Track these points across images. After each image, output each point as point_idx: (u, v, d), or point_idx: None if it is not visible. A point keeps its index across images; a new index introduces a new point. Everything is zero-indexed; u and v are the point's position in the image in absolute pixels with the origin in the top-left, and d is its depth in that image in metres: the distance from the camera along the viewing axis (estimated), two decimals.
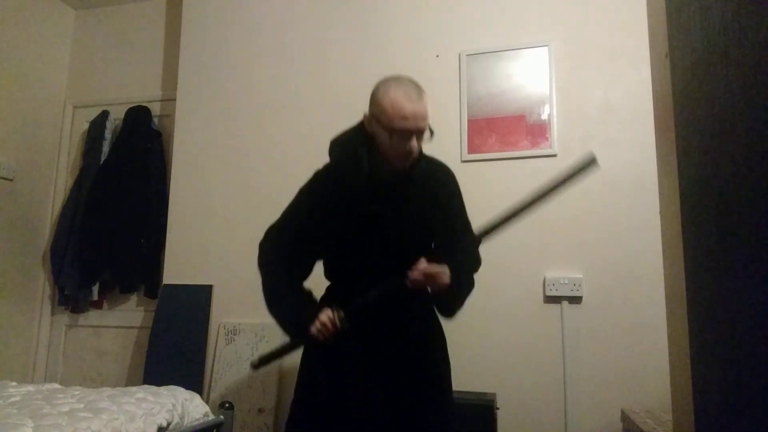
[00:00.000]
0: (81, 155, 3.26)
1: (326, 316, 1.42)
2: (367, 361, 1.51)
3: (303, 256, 1.59)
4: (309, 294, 1.55)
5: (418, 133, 1.41)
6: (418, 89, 1.42)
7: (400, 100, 1.37)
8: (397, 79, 1.44)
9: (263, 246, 1.61)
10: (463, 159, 2.43)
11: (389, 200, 1.48)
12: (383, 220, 1.48)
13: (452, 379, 1.63)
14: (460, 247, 1.54)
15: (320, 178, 1.59)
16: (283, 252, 1.57)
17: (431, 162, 1.57)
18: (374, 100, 1.44)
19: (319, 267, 1.62)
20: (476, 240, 1.47)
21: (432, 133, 1.44)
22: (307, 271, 1.62)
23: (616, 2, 2.40)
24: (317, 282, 1.59)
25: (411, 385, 1.50)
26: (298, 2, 2.87)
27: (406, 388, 1.49)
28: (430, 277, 1.41)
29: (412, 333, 1.55)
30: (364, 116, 1.48)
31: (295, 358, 1.59)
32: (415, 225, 1.51)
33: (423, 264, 1.39)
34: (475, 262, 1.62)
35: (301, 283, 1.57)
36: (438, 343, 1.62)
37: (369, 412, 1.46)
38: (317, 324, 1.41)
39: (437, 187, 1.55)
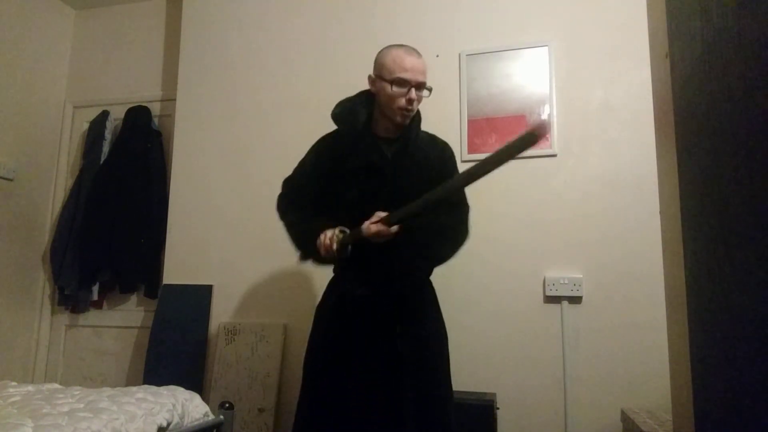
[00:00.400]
0: (81, 155, 3.26)
1: (330, 231, 1.53)
2: (367, 362, 1.51)
3: (313, 206, 1.73)
4: (324, 221, 1.65)
5: (418, 87, 1.56)
6: (418, 52, 1.62)
7: (401, 54, 1.58)
8: (398, 43, 1.64)
9: (281, 198, 1.76)
10: (463, 159, 2.43)
11: (387, 155, 1.60)
12: (382, 175, 1.57)
13: (452, 379, 1.63)
14: (445, 208, 1.57)
15: (322, 140, 1.74)
16: (299, 198, 1.72)
17: (430, 134, 1.72)
18: (377, 58, 1.64)
19: None
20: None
21: (430, 91, 1.60)
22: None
23: (616, 2, 2.40)
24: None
25: (410, 385, 1.50)
26: (298, 2, 2.87)
27: (405, 389, 1.49)
28: (374, 234, 1.46)
29: (411, 334, 1.56)
30: (369, 78, 1.64)
31: (296, 359, 1.59)
32: (411, 182, 1.56)
33: (370, 221, 1.46)
34: (454, 229, 1.62)
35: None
36: (438, 343, 1.63)
37: (369, 411, 1.47)
38: (320, 236, 1.53)
39: (434, 156, 1.67)
